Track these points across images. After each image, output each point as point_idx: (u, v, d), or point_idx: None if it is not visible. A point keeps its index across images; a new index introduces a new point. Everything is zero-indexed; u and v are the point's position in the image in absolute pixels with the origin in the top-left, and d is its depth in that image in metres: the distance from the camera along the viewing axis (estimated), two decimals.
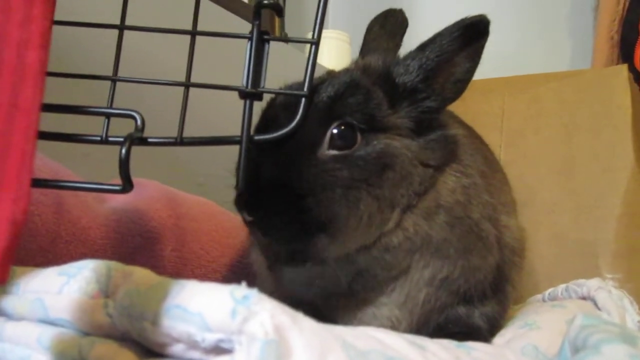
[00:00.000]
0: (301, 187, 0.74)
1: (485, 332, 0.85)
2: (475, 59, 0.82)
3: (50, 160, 0.94)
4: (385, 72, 0.81)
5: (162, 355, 0.53)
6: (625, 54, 2.00)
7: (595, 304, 1.01)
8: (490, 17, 0.80)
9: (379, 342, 0.56)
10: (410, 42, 0.89)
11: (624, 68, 1.45)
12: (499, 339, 0.83)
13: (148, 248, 1.03)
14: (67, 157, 1.01)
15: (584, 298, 1.05)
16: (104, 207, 1.00)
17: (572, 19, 2.26)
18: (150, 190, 1.12)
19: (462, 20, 0.80)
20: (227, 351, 0.48)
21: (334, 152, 0.76)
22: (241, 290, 0.49)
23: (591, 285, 1.04)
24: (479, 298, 0.84)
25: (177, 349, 0.51)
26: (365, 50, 0.93)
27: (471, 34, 0.80)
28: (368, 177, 0.76)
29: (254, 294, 0.49)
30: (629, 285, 1.23)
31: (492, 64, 2.21)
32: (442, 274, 0.80)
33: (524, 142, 1.44)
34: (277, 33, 2.15)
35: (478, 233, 0.81)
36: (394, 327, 0.82)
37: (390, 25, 0.99)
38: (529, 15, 2.26)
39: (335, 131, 0.77)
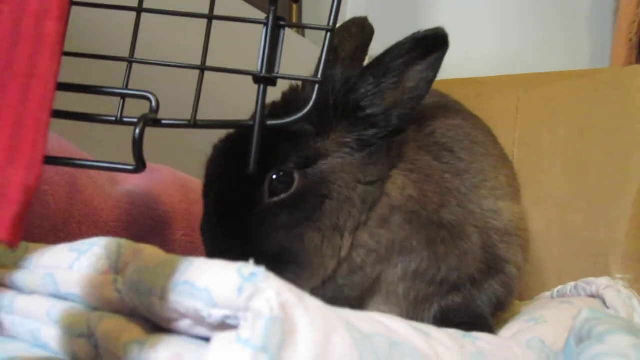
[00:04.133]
0: (250, 236, 0.78)
1: (490, 320, 0.85)
2: (431, 73, 0.80)
3: (66, 142, 0.95)
4: (323, 93, 0.81)
5: (169, 330, 0.54)
6: None
7: (604, 303, 1.00)
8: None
9: (384, 326, 0.56)
10: None
11: None
12: (506, 332, 0.83)
13: (159, 232, 1.04)
14: (82, 143, 1.02)
15: (592, 296, 1.05)
16: (117, 189, 1.02)
17: (592, 20, 2.24)
18: (164, 176, 1.13)
19: (414, 35, 0.79)
20: (233, 327, 0.49)
21: (274, 199, 0.79)
22: (249, 267, 0.50)
23: (600, 283, 1.04)
24: (471, 283, 0.84)
25: (183, 324, 0.52)
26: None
27: (426, 47, 0.79)
28: (308, 213, 0.78)
29: (261, 271, 0.49)
30: (638, 285, 1.22)
31: (511, 61, 2.22)
32: (412, 267, 0.81)
33: (538, 140, 1.43)
34: (294, 19, 2.15)
35: (439, 222, 0.81)
36: None
37: (351, 35, 0.98)
38: (549, 16, 2.25)
39: (272, 180, 0.79)
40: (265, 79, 0.72)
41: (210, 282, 0.50)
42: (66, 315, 0.59)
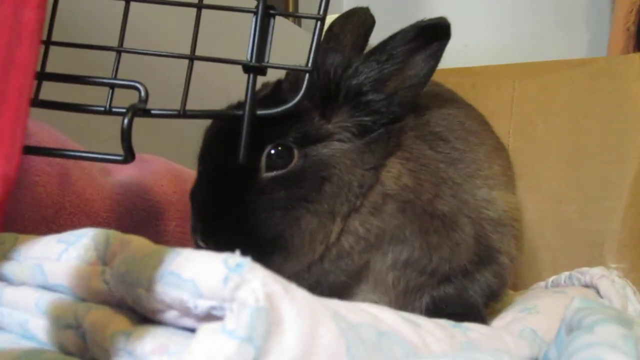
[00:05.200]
0: (245, 213, 0.76)
1: (482, 311, 0.84)
2: (433, 62, 0.80)
3: (57, 132, 0.95)
4: (326, 76, 0.80)
5: (156, 322, 0.53)
6: None
7: (598, 292, 1.00)
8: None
9: (372, 316, 0.56)
10: None
11: (636, 57, 1.43)
12: (498, 321, 0.83)
13: (152, 223, 1.03)
14: (77, 133, 1.01)
15: (587, 286, 1.04)
16: (110, 180, 1.01)
17: (590, 9, 2.24)
18: (156, 166, 1.12)
19: (418, 23, 0.78)
20: (220, 318, 0.49)
21: (271, 173, 0.78)
22: (235, 258, 0.49)
23: (594, 273, 1.04)
24: (463, 274, 0.83)
25: (170, 315, 0.52)
26: (326, 47, 0.90)
27: (429, 36, 0.79)
28: (306, 194, 0.77)
29: (247, 262, 0.49)
30: (632, 275, 1.22)
31: (507, 50, 2.21)
32: (403, 257, 0.81)
33: (534, 129, 1.43)
34: (290, 9, 2.14)
35: (432, 212, 0.81)
36: None
37: (352, 24, 0.97)
38: (545, 5, 2.24)
39: (270, 153, 0.78)
40: (254, 68, 0.71)
41: (196, 273, 0.49)
42: (54, 306, 0.59)
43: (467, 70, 1.56)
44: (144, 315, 0.54)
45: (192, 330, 0.51)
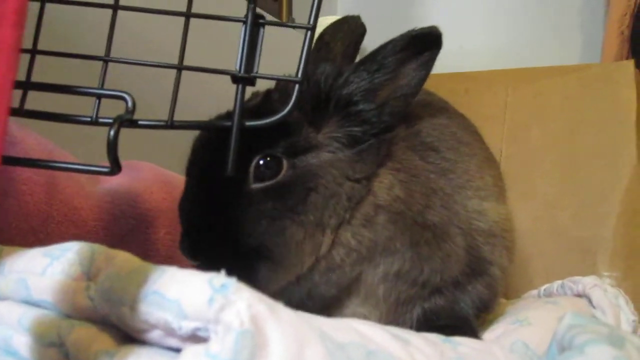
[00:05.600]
0: (231, 225, 0.76)
1: (473, 322, 0.84)
2: (424, 71, 0.80)
3: (44, 140, 0.93)
4: (316, 86, 0.80)
5: (140, 341, 0.52)
6: (635, 49, 1.97)
7: (590, 302, 1.00)
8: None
9: (360, 334, 0.55)
10: None
11: (630, 64, 1.43)
12: (490, 334, 0.83)
13: (141, 230, 1.02)
14: (71, 138, 1.00)
15: (579, 295, 1.04)
16: (98, 188, 1.00)
17: (583, 14, 2.23)
18: (146, 173, 1.11)
19: (409, 32, 0.78)
20: (204, 339, 0.48)
21: (259, 184, 0.77)
22: (220, 278, 0.49)
23: (586, 282, 1.03)
24: (454, 286, 0.83)
25: (154, 335, 0.51)
26: (317, 56, 0.89)
27: (420, 45, 0.78)
28: (293, 205, 0.76)
29: (232, 282, 0.48)
30: (625, 283, 1.22)
31: (501, 56, 2.20)
32: (394, 269, 0.80)
33: (527, 135, 1.42)
34: (284, 16, 2.13)
35: (423, 223, 0.80)
36: None
37: (343, 32, 0.97)
38: (539, 9, 2.24)
39: (259, 164, 0.77)
40: (243, 79, 0.70)
41: (181, 293, 0.49)
42: (37, 323, 0.58)
43: (461, 76, 1.56)
44: (128, 334, 0.53)
45: (177, 351, 0.51)
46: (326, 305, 0.79)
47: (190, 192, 0.80)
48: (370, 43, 0.96)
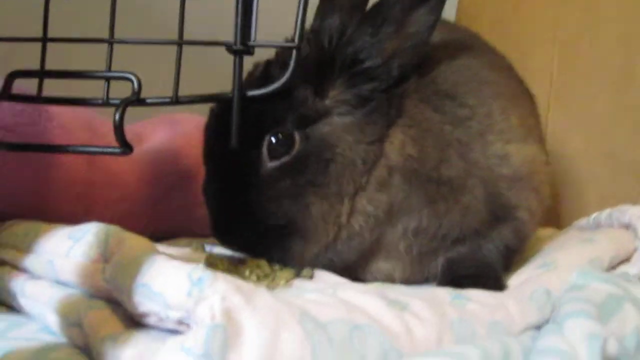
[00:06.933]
0: (254, 208, 0.77)
1: (498, 269, 0.83)
2: (434, 17, 0.76)
3: (81, 110, 0.98)
4: (320, 47, 0.77)
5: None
6: None
7: (636, 234, 0.95)
8: None
9: (349, 308, 0.57)
10: None
11: None
12: (515, 279, 0.82)
13: (184, 185, 1.07)
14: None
15: (626, 226, 0.99)
16: (139, 149, 1.04)
17: None
18: (188, 127, 1.14)
19: None
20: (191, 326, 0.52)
21: (275, 163, 0.76)
22: (198, 271, 0.52)
23: (633, 213, 0.98)
24: (477, 234, 0.82)
25: (151, 320, 0.55)
26: (323, 9, 0.84)
27: None
28: (312, 179, 0.76)
29: (208, 275, 0.51)
30: None
31: None
32: (412, 226, 0.79)
33: (577, 52, 1.32)
34: None
35: (438, 179, 0.78)
36: (390, 277, 0.83)
37: None
38: None
39: (271, 142, 0.76)
40: (240, 50, 0.70)
41: (164, 286, 0.52)
42: (62, 304, 0.64)
43: None
44: None
45: (176, 333, 0.55)
46: (349, 267, 0.81)
47: (212, 180, 0.81)
48: None
